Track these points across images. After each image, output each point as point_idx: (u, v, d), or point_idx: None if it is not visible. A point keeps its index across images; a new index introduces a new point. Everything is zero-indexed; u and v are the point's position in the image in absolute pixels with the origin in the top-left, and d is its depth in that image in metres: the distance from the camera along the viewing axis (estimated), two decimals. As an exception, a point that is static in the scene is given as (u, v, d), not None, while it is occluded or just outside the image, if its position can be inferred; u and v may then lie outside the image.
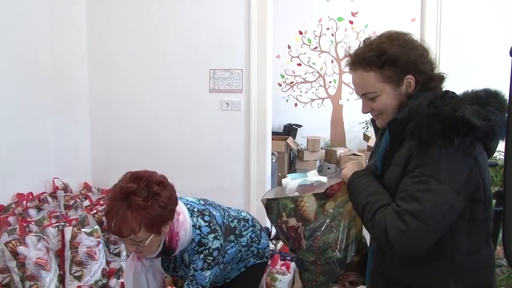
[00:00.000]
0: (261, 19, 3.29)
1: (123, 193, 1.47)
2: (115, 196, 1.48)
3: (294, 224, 1.37)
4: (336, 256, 1.38)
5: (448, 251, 1.21)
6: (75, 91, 3.52)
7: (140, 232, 1.44)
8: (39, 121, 3.16)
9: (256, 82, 3.34)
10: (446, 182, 1.13)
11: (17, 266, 2.26)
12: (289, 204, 1.37)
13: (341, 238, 1.37)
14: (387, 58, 1.25)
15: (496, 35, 3.10)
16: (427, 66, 1.28)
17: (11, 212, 2.71)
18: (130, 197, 1.45)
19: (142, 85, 3.54)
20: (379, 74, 1.27)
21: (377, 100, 1.30)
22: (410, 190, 1.16)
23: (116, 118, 3.60)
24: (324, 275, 1.41)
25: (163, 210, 1.47)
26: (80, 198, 3.20)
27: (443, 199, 1.13)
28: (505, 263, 2.42)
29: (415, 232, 1.13)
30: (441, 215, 1.14)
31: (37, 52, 3.12)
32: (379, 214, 1.20)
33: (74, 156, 3.50)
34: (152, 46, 3.51)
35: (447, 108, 1.14)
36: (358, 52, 1.33)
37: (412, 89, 1.28)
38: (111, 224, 1.45)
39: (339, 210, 1.36)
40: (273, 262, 2.77)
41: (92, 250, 2.56)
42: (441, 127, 1.11)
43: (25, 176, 3.02)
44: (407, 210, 1.14)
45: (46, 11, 3.19)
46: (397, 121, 1.25)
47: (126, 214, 1.43)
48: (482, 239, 1.25)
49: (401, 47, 1.26)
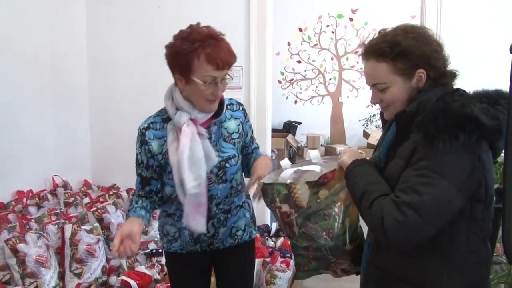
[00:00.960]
0: (261, 16, 3.28)
1: (215, 34, 1.55)
2: (205, 36, 1.52)
3: (287, 210, 1.38)
4: (328, 244, 1.38)
5: (445, 247, 1.21)
6: (75, 88, 3.52)
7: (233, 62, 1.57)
8: (39, 119, 3.16)
9: (256, 79, 3.34)
10: (447, 177, 1.13)
11: (17, 264, 2.26)
12: (282, 190, 1.38)
13: (333, 227, 1.37)
14: (400, 50, 1.25)
15: (496, 31, 3.09)
16: (440, 62, 1.27)
17: (11, 210, 2.71)
18: (221, 37, 1.57)
19: (142, 82, 3.53)
20: (391, 65, 1.27)
21: (387, 91, 1.30)
22: (411, 182, 1.16)
23: (116, 115, 3.59)
24: (316, 261, 1.42)
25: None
26: (80, 195, 3.20)
27: (443, 194, 1.13)
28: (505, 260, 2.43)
29: (411, 224, 1.13)
30: (439, 210, 1.14)
31: (36, 49, 3.12)
32: (377, 203, 1.19)
33: (74, 153, 3.50)
34: (151, 43, 3.49)
35: (456, 104, 1.14)
36: (373, 42, 1.32)
37: (423, 84, 1.27)
38: (219, 53, 1.51)
39: (333, 198, 1.36)
40: (272, 260, 2.78)
41: (92, 248, 2.56)
42: (448, 122, 1.11)
43: (25, 173, 3.03)
44: (405, 201, 1.14)
45: (46, 7, 3.19)
46: (405, 113, 1.25)
47: (229, 47, 1.56)
48: (480, 239, 1.25)
49: (415, 40, 1.26)
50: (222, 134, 1.68)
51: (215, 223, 1.72)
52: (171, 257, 1.83)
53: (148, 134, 1.64)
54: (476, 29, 3.13)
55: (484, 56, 3.07)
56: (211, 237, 1.74)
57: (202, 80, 1.52)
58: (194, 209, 1.60)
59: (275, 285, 2.69)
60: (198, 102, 1.58)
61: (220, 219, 1.72)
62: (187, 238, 1.74)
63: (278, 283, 2.70)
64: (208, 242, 1.75)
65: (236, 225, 1.78)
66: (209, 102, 1.58)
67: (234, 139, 1.70)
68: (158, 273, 2.63)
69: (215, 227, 1.73)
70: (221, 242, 1.77)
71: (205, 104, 1.58)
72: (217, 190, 1.68)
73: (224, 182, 1.67)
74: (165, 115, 1.68)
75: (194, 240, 1.74)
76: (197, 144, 1.58)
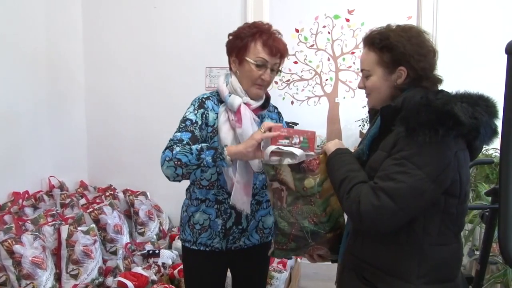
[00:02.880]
0: (257, 17, 3.29)
1: (270, 29, 1.70)
2: (265, 28, 1.68)
3: (278, 186, 1.45)
4: (310, 227, 1.44)
5: (418, 238, 1.27)
6: (71, 88, 3.51)
7: (282, 59, 1.72)
8: (35, 119, 3.14)
9: (252, 80, 3.33)
10: (423, 169, 1.19)
11: (13, 265, 2.25)
12: (270, 171, 1.46)
13: (317, 213, 1.43)
14: (387, 44, 1.34)
15: (492, 32, 3.11)
16: (421, 65, 1.32)
17: (7, 211, 2.70)
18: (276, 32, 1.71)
19: (138, 82, 3.53)
20: (378, 56, 1.37)
21: (369, 79, 1.40)
22: (388, 170, 1.23)
23: (113, 115, 3.59)
24: (296, 241, 1.47)
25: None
26: (76, 196, 3.19)
27: (417, 183, 1.19)
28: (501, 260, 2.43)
29: (385, 208, 1.19)
30: (412, 198, 1.20)
31: (32, 49, 3.11)
32: (356, 188, 1.26)
33: (70, 154, 3.49)
34: (148, 43, 3.50)
35: (438, 101, 1.21)
36: (373, 32, 1.41)
37: (402, 81, 1.35)
38: (269, 42, 1.65)
39: (318, 188, 1.42)
40: (270, 260, 2.78)
41: (88, 249, 2.56)
42: (429, 117, 1.17)
43: (21, 174, 3.01)
44: (382, 187, 1.21)
45: (42, 7, 3.17)
46: (390, 108, 1.32)
47: (283, 41, 1.71)
48: (452, 233, 1.31)
49: (404, 38, 1.33)
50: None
51: (248, 215, 1.75)
52: (193, 253, 1.79)
53: (208, 103, 1.72)
54: (472, 30, 3.14)
55: (480, 57, 3.08)
56: (241, 232, 1.76)
57: (254, 61, 1.66)
58: (243, 189, 1.66)
59: (272, 286, 2.69)
60: (247, 85, 1.70)
61: (253, 210, 1.75)
62: (218, 228, 1.73)
63: (275, 284, 2.70)
64: (236, 237, 1.76)
65: (263, 219, 1.81)
66: (256, 87, 1.69)
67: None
68: (155, 274, 2.63)
69: (247, 220, 1.76)
70: (247, 236, 1.78)
71: (253, 88, 1.69)
72: (256, 179, 1.74)
73: (262, 173, 1.70)
74: (219, 96, 1.76)
75: (224, 232, 1.74)
76: (254, 127, 1.67)
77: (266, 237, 1.83)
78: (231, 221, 1.74)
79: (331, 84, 7.23)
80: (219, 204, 1.73)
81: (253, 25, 1.71)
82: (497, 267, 2.56)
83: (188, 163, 1.49)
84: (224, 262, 1.85)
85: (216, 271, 1.85)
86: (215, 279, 1.86)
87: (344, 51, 7.09)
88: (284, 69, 7.20)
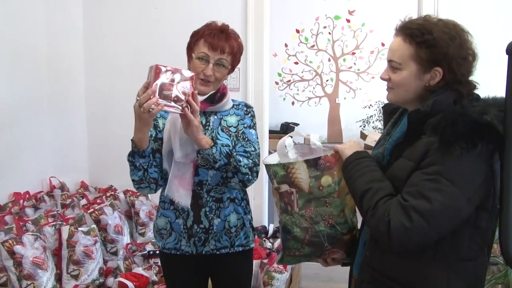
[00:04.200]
0: (258, 17, 3.28)
1: (220, 27, 1.75)
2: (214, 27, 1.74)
3: (287, 189, 1.35)
4: (327, 230, 1.35)
5: (446, 253, 1.20)
6: (71, 88, 3.51)
7: (231, 51, 1.73)
8: (36, 119, 3.14)
9: (253, 81, 3.34)
10: (459, 186, 1.10)
11: (14, 265, 2.25)
12: (279, 171, 1.35)
13: (334, 214, 1.35)
14: (428, 39, 1.21)
15: (493, 33, 3.10)
16: (462, 69, 1.22)
17: (8, 211, 2.70)
18: (226, 30, 1.76)
19: (139, 82, 3.48)
20: (414, 50, 1.23)
21: (398, 72, 1.26)
22: (420, 186, 1.13)
23: (113, 116, 3.58)
24: (310, 246, 1.38)
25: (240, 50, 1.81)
26: (77, 197, 3.19)
27: (452, 202, 1.10)
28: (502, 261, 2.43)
29: (417, 230, 1.10)
30: (447, 219, 1.12)
31: (32, 49, 3.11)
32: (383, 204, 1.16)
33: (71, 154, 3.49)
34: (148, 43, 3.50)
35: (475, 110, 1.10)
36: (410, 21, 1.28)
37: (435, 83, 1.23)
38: (211, 41, 1.69)
39: (335, 187, 1.33)
40: (270, 261, 2.78)
41: (89, 249, 2.56)
42: (466, 129, 1.08)
43: (21, 175, 3.02)
44: (414, 207, 1.11)
45: (42, 7, 3.18)
46: (419, 112, 1.21)
47: (229, 35, 1.74)
48: (479, 247, 1.23)
49: (448, 37, 1.21)
50: (221, 125, 1.77)
51: (207, 212, 1.73)
52: (166, 257, 1.85)
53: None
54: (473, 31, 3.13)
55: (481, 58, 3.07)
56: (206, 231, 1.74)
57: (197, 57, 1.73)
58: (178, 180, 1.68)
59: (273, 286, 2.68)
60: (196, 82, 1.71)
61: (212, 208, 1.74)
62: (180, 228, 1.75)
63: (276, 285, 2.70)
64: (203, 238, 1.74)
65: (228, 218, 1.78)
66: (201, 82, 1.71)
67: (231, 131, 1.77)
68: (156, 275, 2.62)
69: (208, 218, 1.73)
70: (216, 239, 1.76)
71: (198, 84, 1.70)
72: (207, 175, 1.72)
73: (214, 169, 1.68)
74: None
75: (187, 230, 1.74)
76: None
77: (235, 238, 1.80)
78: (190, 219, 1.74)
79: (331, 85, 7.26)
80: (174, 204, 1.75)
81: (206, 25, 1.77)
82: (498, 268, 2.56)
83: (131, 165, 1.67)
84: (200, 270, 1.85)
85: (191, 278, 1.85)
86: (193, 284, 1.88)
87: (345, 51, 7.13)
88: (284, 69, 7.26)
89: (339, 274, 2.67)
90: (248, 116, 1.81)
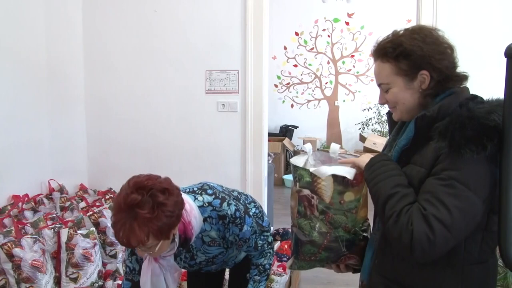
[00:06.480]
0: (257, 20, 3.29)
1: (127, 206, 1.38)
2: (119, 208, 1.40)
3: (308, 194, 1.34)
4: (346, 236, 1.35)
5: (459, 258, 1.19)
6: (71, 91, 3.51)
7: (149, 241, 1.40)
8: (35, 122, 3.14)
9: (252, 83, 3.34)
10: (473, 190, 1.10)
11: (12, 268, 2.25)
12: (305, 177, 1.33)
13: (351, 222, 1.36)
14: (402, 51, 1.24)
15: (491, 36, 3.11)
16: (444, 63, 1.24)
17: (7, 214, 2.70)
18: (135, 210, 1.37)
19: (138, 86, 3.53)
20: (394, 66, 1.26)
21: (389, 92, 1.29)
22: (436, 192, 1.11)
23: (113, 119, 3.59)
24: (328, 251, 1.37)
25: (170, 219, 1.42)
26: (76, 199, 3.19)
27: (469, 207, 1.10)
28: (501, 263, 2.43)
29: (441, 240, 1.09)
30: (465, 224, 1.11)
31: (32, 52, 3.11)
32: (406, 212, 1.13)
33: (70, 157, 3.49)
34: (148, 47, 3.51)
35: (481, 111, 1.11)
36: (381, 42, 1.31)
37: (426, 86, 1.25)
38: (119, 234, 1.39)
39: (356, 204, 1.34)
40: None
41: (88, 252, 2.55)
42: (475, 132, 1.08)
43: (20, 177, 3.01)
44: (435, 216, 1.09)
45: (42, 10, 3.18)
46: (425, 117, 1.21)
47: (133, 226, 1.37)
48: (490, 249, 1.23)
49: (419, 41, 1.23)
50: (205, 242, 1.68)
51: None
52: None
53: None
54: (472, 33, 3.14)
55: (479, 61, 3.08)
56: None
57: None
58: None
59: (272, 289, 2.68)
60: None
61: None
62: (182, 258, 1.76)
63: (275, 287, 2.69)
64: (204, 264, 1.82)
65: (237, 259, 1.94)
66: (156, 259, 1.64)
67: (217, 241, 1.69)
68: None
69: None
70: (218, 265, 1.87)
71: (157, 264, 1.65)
72: (210, 268, 1.85)
73: (216, 264, 1.81)
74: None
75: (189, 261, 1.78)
76: (159, 277, 1.65)
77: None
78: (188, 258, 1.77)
79: (331, 87, 7.27)
80: None
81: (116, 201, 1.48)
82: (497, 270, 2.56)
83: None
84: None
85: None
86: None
87: (344, 54, 7.14)
88: (284, 72, 7.27)
89: (338, 277, 2.67)
90: (232, 226, 1.65)
